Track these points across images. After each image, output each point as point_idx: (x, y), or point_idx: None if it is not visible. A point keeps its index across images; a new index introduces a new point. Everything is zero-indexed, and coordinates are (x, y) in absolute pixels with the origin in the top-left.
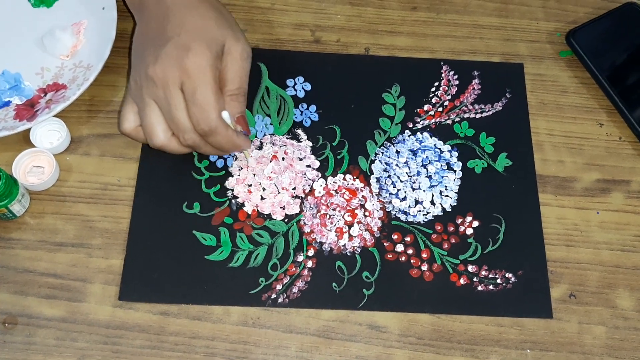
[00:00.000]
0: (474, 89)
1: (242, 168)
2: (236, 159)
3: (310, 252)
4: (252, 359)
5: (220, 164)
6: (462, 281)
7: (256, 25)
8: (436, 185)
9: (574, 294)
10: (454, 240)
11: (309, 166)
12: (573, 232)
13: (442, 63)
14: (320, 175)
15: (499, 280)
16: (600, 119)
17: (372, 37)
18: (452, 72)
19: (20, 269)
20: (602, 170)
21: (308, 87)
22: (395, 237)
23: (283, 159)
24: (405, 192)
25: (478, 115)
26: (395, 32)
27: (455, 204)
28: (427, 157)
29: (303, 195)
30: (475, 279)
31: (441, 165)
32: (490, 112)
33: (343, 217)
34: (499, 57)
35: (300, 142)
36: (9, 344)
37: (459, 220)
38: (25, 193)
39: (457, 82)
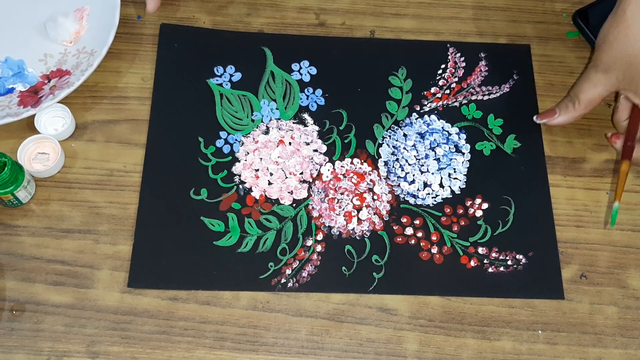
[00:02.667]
0: (481, 70)
1: (248, 153)
2: (242, 144)
3: (319, 237)
4: (262, 343)
5: (226, 149)
6: (472, 263)
7: (260, 8)
8: (445, 168)
9: (584, 274)
10: (463, 223)
11: (316, 150)
12: (583, 212)
13: (448, 45)
14: (327, 159)
15: (509, 262)
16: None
17: (377, 19)
18: (458, 54)
19: (27, 256)
20: (611, 151)
21: (314, 71)
22: (404, 220)
23: (290, 143)
24: (413, 175)
25: (485, 97)
26: (401, 14)
27: (464, 186)
28: (435, 139)
29: (311, 180)
30: (485, 261)
31: (449, 148)
32: (498, 94)
33: (351, 201)
34: (505, 38)
35: (307, 126)
36: (17, 331)
37: (468, 203)
38: (30, 180)
39: (463, 64)
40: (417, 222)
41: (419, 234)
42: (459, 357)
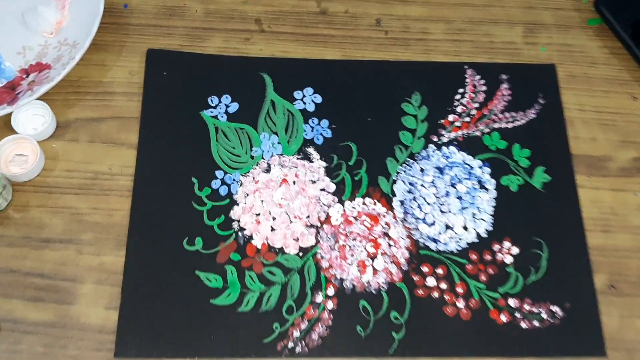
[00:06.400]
0: (503, 94)
1: (248, 195)
2: (241, 184)
3: (330, 291)
4: None
5: (223, 191)
6: (503, 318)
7: None
8: (468, 207)
9: (613, 285)
10: (491, 271)
11: (323, 190)
12: (610, 216)
13: (465, 66)
14: (336, 200)
15: (544, 315)
16: (633, 91)
17: (383, 6)
18: (477, 77)
19: (2, 268)
20: (638, 148)
21: (318, 99)
22: (425, 269)
23: (294, 182)
24: (433, 216)
25: (510, 125)
26: (409, 0)
27: (490, 228)
28: (455, 174)
29: (318, 224)
30: (517, 315)
31: (472, 184)
32: (523, 121)
33: (365, 248)
34: (521, 27)
35: (313, 162)
36: None
37: (496, 247)
38: (7, 184)
39: (484, 88)
40: (439, 271)
41: (443, 286)
42: None
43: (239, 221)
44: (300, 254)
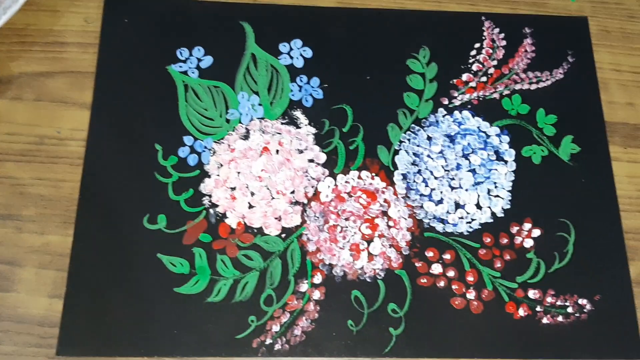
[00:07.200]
0: (526, 51)
1: (222, 165)
2: (214, 153)
3: (317, 279)
4: None
5: (193, 160)
6: (521, 312)
7: None
8: (482, 182)
9: None
10: (508, 257)
11: (312, 161)
12: None
13: (483, 18)
14: (327, 172)
15: (570, 309)
16: None
17: None
18: (496, 30)
19: None
20: None
21: (308, 53)
22: (430, 254)
23: (277, 151)
24: (441, 192)
25: (533, 86)
26: None
27: (508, 206)
28: (468, 144)
29: (305, 201)
30: (538, 308)
31: (488, 155)
32: (549, 82)
33: (360, 230)
34: None
35: (300, 128)
36: None
37: (515, 229)
38: None
39: (504, 43)
40: (447, 256)
41: (450, 273)
42: None
43: (210, 196)
44: (283, 235)
